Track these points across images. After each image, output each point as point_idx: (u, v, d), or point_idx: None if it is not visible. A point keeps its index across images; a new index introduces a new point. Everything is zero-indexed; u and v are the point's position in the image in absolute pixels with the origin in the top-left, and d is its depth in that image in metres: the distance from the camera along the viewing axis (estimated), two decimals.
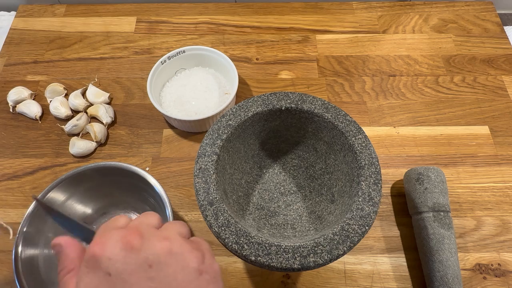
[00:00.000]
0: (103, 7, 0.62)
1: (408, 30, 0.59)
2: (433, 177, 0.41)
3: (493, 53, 0.57)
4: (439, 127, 0.50)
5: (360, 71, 0.55)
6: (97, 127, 0.48)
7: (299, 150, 0.43)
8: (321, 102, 0.37)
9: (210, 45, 0.58)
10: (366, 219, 0.31)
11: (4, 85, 0.54)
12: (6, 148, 0.49)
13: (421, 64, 0.56)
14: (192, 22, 0.61)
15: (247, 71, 0.56)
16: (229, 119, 0.36)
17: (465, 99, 0.53)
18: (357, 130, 0.35)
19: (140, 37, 0.59)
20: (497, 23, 0.60)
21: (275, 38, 0.59)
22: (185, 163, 0.48)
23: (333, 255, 0.29)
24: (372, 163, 0.33)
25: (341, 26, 0.60)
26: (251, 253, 0.29)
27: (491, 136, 0.50)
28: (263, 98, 0.37)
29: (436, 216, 0.40)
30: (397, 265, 0.41)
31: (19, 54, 0.57)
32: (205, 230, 0.44)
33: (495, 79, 0.54)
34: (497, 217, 0.44)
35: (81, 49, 0.58)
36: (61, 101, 0.51)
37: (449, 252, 0.38)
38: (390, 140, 0.49)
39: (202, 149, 0.34)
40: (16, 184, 0.47)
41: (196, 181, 0.33)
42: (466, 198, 0.45)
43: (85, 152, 0.48)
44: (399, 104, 0.52)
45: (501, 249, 0.42)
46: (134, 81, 0.55)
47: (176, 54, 0.51)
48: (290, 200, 0.41)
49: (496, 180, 0.46)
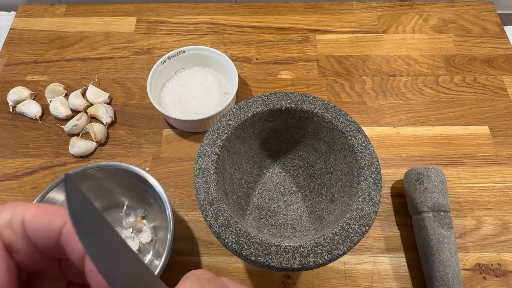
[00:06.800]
0: (103, 7, 0.62)
1: (408, 30, 0.59)
2: (433, 177, 0.41)
3: (493, 53, 0.57)
4: (439, 127, 0.50)
5: (360, 71, 0.55)
6: (97, 127, 0.48)
7: (299, 150, 0.43)
8: (321, 102, 0.37)
9: (210, 45, 0.58)
10: (366, 219, 0.31)
11: (4, 85, 0.54)
12: (6, 148, 0.49)
13: (421, 64, 0.56)
14: (192, 22, 0.61)
15: (247, 71, 0.56)
16: (229, 119, 0.36)
17: (465, 99, 0.53)
18: (357, 130, 0.35)
19: (140, 37, 0.59)
20: (497, 23, 0.60)
21: (275, 38, 0.59)
22: (185, 163, 0.48)
23: (333, 255, 0.29)
24: (372, 163, 0.33)
25: (341, 26, 0.60)
26: (251, 253, 0.29)
27: (491, 136, 0.50)
28: (263, 98, 0.37)
29: (436, 216, 0.40)
30: (397, 265, 0.41)
31: (19, 54, 0.57)
32: (205, 230, 0.44)
33: (495, 79, 0.54)
34: (497, 217, 0.44)
35: (81, 49, 0.58)
36: (61, 101, 0.51)
37: (449, 252, 0.38)
38: (390, 140, 0.49)
39: (202, 149, 0.34)
40: (16, 184, 0.47)
41: (196, 181, 0.33)
42: (466, 198, 0.45)
43: (85, 152, 0.48)
44: (399, 104, 0.52)
45: (501, 249, 0.42)
46: (134, 81, 0.55)
47: (176, 54, 0.51)
48: (290, 200, 0.41)
49: (496, 180, 0.46)
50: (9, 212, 0.16)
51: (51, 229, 0.16)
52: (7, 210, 0.16)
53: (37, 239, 0.16)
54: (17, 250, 0.16)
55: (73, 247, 0.16)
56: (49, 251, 0.17)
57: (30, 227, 0.16)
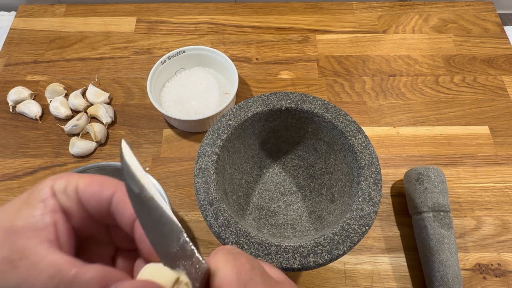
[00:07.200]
0: (103, 7, 0.62)
1: (408, 30, 0.59)
2: (433, 177, 0.41)
3: (493, 53, 0.57)
4: (439, 127, 0.50)
5: (360, 71, 0.55)
6: (97, 127, 0.48)
7: (299, 150, 0.43)
8: (321, 102, 0.37)
9: (210, 45, 0.58)
10: (366, 219, 0.31)
11: (4, 85, 0.54)
12: (6, 148, 0.49)
13: (421, 64, 0.56)
14: (192, 22, 0.61)
15: (247, 71, 0.56)
16: (229, 119, 0.36)
17: (465, 99, 0.53)
18: (357, 130, 0.35)
19: (140, 37, 0.59)
20: (497, 23, 0.60)
21: (275, 38, 0.59)
22: (185, 163, 0.48)
23: (333, 255, 0.29)
24: (372, 163, 0.33)
25: (341, 26, 0.60)
26: (251, 253, 0.29)
27: (491, 136, 0.49)
28: (263, 98, 0.37)
29: (436, 216, 0.40)
30: (397, 265, 0.41)
31: (19, 54, 0.57)
32: (205, 230, 0.44)
33: (495, 79, 0.54)
34: (497, 217, 0.44)
35: (81, 49, 0.58)
36: (61, 101, 0.51)
37: (449, 252, 0.38)
38: (390, 140, 0.49)
39: (202, 149, 0.34)
40: (16, 184, 0.47)
41: (196, 181, 0.33)
42: (466, 198, 0.45)
43: (85, 152, 0.48)
44: (399, 104, 0.52)
45: (501, 249, 0.42)
46: (134, 81, 0.55)
47: (176, 54, 0.51)
48: (290, 200, 0.41)
49: (496, 180, 0.46)
50: (64, 180, 0.18)
51: (102, 196, 0.18)
52: (62, 179, 0.18)
53: (90, 205, 0.18)
54: (72, 215, 0.18)
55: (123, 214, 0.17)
56: (100, 218, 0.18)
57: (83, 195, 0.18)
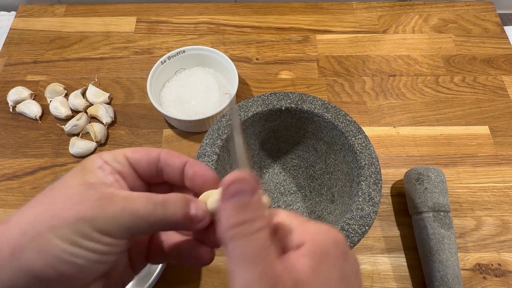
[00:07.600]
0: (103, 7, 0.62)
1: (408, 30, 0.59)
2: (433, 177, 0.41)
3: (493, 53, 0.57)
4: (439, 127, 0.50)
5: (360, 71, 0.55)
6: (97, 127, 0.48)
7: (299, 150, 0.43)
8: (321, 102, 0.37)
9: (210, 45, 0.58)
10: (366, 219, 0.31)
11: (4, 85, 0.54)
12: (6, 148, 0.49)
13: (421, 64, 0.56)
14: (192, 22, 0.61)
15: (247, 71, 0.56)
16: (229, 119, 0.36)
17: (465, 99, 0.53)
18: (357, 130, 0.35)
19: (140, 37, 0.59)
20: (497, 23, 0.60)
21: (275, 38, 0.59)
22: None
23: None
24: (372, 163, 0.33)
25: (341, 26, 0.60)
26: None
27: (491, 136, 0.50)
28: (263, 98, 0.37)
29: (436, 216, 0.40)
30: (397, 265, 0.41)
31: (19, 54, 0.57)
32: None
33: (495, 79, 0.54)
34: (497, 217, 0.44)
35: (81, 49, 0.58)
36: (61, 101, 0.51)
37: (449, 252, 0.38)
38: (390, 140, 0.49)
39: (202, 149, 0.34)
40: (16, 184, 0.47)
41: None
42: (466, 198, 0.45)
43: (85, 152, 0.48)
44: (399, 104, 0.52)
45: (501, 249, 0.42)
46: (134, 81, 0.55)
47: (176, 54, 0.51)
48: (290, 200, 0.41)
49: (496, 180, 0.46)
50: (109, 153, 0.20)
51: (151, 156, 0.20)
52: (107, 153, 0.20)
53: (140, 166, 0.20)
54: (125, 177, 0.20)
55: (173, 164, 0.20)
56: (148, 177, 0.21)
57: (133, 159, 0.20)
